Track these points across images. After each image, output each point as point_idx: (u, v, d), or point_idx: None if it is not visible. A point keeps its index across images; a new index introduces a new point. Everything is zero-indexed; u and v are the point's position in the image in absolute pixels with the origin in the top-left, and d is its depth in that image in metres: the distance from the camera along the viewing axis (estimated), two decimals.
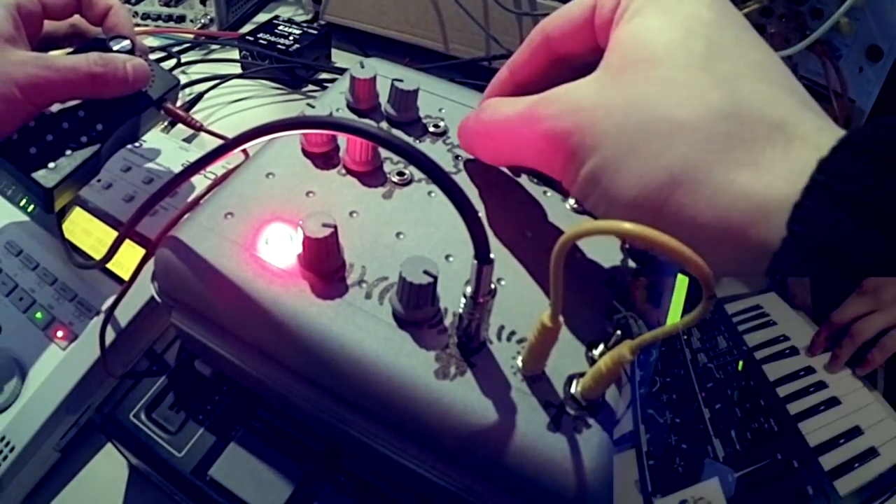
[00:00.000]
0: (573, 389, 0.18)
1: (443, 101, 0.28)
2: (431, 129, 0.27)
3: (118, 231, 0.33)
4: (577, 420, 0.18)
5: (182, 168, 0.22)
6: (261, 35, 0.54)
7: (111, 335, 0.30)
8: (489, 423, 0.18)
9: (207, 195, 0.25)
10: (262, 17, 0.62)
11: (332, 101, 0.27)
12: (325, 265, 0.20)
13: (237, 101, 0.52)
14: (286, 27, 0.56)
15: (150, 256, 0.28)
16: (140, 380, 0.27)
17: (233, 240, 0.21)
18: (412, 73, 0.29)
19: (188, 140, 0.44)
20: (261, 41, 0.53)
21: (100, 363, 0.29)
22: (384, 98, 0.27)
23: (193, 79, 0.52)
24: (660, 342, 0.19)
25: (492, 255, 0.17)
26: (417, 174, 0.24)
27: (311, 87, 0.54)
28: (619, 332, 0.19)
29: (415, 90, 0.26)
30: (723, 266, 0.15)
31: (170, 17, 0.58)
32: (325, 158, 0.25)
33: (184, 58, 0.55)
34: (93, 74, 0.28)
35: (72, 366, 0.29)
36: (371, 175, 0.24)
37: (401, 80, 0.26)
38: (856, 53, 0.40)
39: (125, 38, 0.31)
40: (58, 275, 0.32)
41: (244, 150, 0.23)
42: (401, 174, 0.24)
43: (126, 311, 0.30)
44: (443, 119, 0.27)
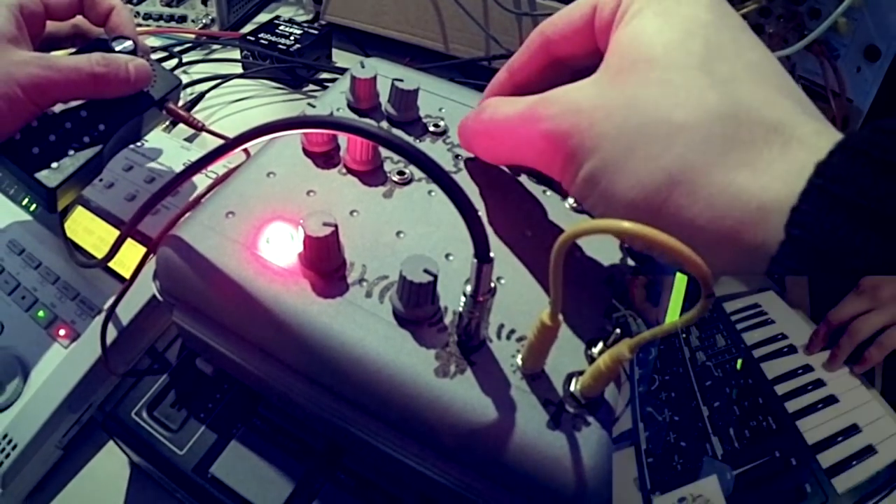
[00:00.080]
0: (572, 387, 0.18)
1: (443, 101, 0.28)
2: (431, 129, 0.27)
3: (120, 230, 0.33)
4: (577, 418, 0.18)
5: (183, 167, 0.22)
6: (262, 35, 0.54)
7: (113, 334, 0.30)
8: (489, 421, 0.18)
9: (209, 194, 0.25)
10: (263, 18, 0.63)
11: (333, 101, 0.27)
12: (326, 264, 0.20)
13: (238, 101, 0.52)
14: (287, 27, 0.56)
15: (151, 255, 0.28)
16: (142, 378, 0.27)
17: (234, 239, 0.21)
18: (412, 73, 0.30)
19: (189, 139, 0.44)
20: (262, 41, 0.53)
21: (101, 361, 0.29)
22: (384, 98, 0.27)
23: (195, 78, 0.52)
24: (658, 340, 0.19)
25: (491, 254, 0.17)
26: (418, 173, 0.25)
27: (312, 87, 0.54)
28: (619, 331, 0.19)
29: (415, 90, 0.26)
30: (721, 267, 0.15)
31: (171, 17, 0.58)
32: (326, 158, 0.25)
33: (185, 58, 0.55)
34: (95, 75, 0.28)
35: (74, 364, 0.29)
36: (371, 174, 0.24)
37: (401, 80, 0.26)
38: (854, 53, 0.40)
39: (127, 39, 0.31)
40: (60, 273, 0.33)
41: (245, 150, 0.23)
42: (401, 173, 0.24)
43: (128, 310, 0.30)
44: (443, 118, 0.27)
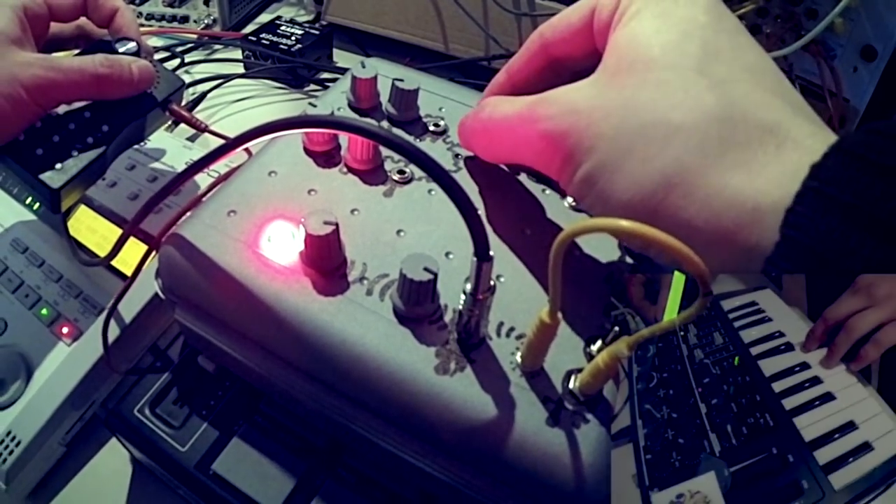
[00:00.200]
0: (571, 385, 0.18)
1: (443, 101, 0.28)
2: (432, 128, 0.27)
3: (123, 228, 0.33)
4: (576, 415, 0.18)
5: (186, 166, 0.22)
6: (263, 35, 0.54)
7: (116, 332, 0.30)
8: (488, 418, 0.18)
9: (210, 193, 0.25)
10: (265, 18, 0.63)
11: (334, 101, 0.27)
12: (327, 262, 0.21)
13: (240, 101, 0.52)
14: (288, 27, 0.56)
15: (152, 252, 0.28)
16: (144, 375, 0.27)
17: (236, 237, 0.22)
18: (413, 73, 0.30)
19: (192, 139, 0.44)
20: (263, 41, 0.54)
21: (104, 359, 0.29)
22: (385, 97, 0.27)
23: (197, 78, 0.52)
24: (657, 338, 0.19)
25: (491, 253, 0.17)
26: (418, 172, 0.25)
27: (313, 87, 0.54)
28: (617, 329, 0.19)
29: (415, 90, 0.26)
30: (717, 266, 0.15)
31: (174, 18, 0.58)
32: (327, 157, 0.25)
33: (187, 57, 0.55)
34: (98, 76, 0.28)
35: (77, 362, 0.29)
36: (372, 173, 0.24)
37: (401, 80, 0.26)
38: (850, 53, 0.40)
39: (131, 40, 0.31)
40: (63, 272, 0.33)
41: (247, 149, 0.23)
42: (401, 172, 0.24)
43: (130, 308, 0.30)
44: (443, 118, 0.27)
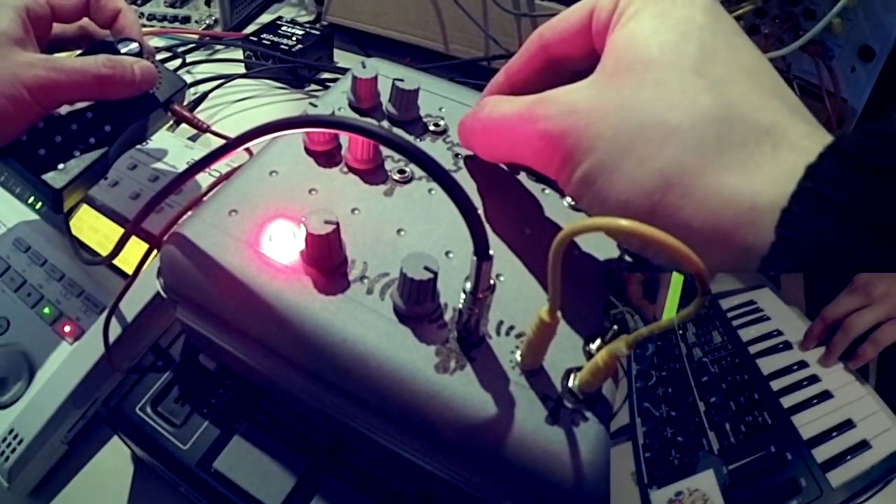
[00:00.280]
0: (571, 383, 0.19)
1: (443, 101, 0.28)
2: (432, 128, 0.27)
3: (124, 228, 0.33)
4: (575, 413, 0.18)
5: (187, 166, 0.22)
6: (264, 35, 0.55)
7: (118, 330, 0.30)
8: (488, 417, 0.18)
9: (212, 192, 0.25)
10: (266, 18, 0.63)
11: (335, 101, 0.28)
12: (328, 261, 0.21)
13: (241, 101, 0.52)
14: (289, 28, 0.56)
15: (154, 252, 0.28)
16: (145, 374, 0.27)
17: (237, 236, 0.22)
18: (413, 73, 0.30)
19: (193, 138, 0.45)
20: (264, 41, 0.54)
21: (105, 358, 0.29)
22: (385, 97, 0.27)
23: (198, 78, 0.52)
24: (655, 337, 0.19)
25: (491, 252, 0.17)
26: (418, 172, 0.25)
27: (314, 87, 0.54)
28: (616, 327, 0.20)
29: (415, 90, 0.26)
30: (714, 266, 0.15)
31: (175, 18, 0.58)
32: (328, 156, 0.25)
33: (189, 58, 0.55)
34: (101, 76, 0.28)
35: (79, 360, 0.29)
36: (372, 173, 0.24)
37: (402, 80, 0.26)
38: (848, 53, 0.41)
39: (133, 41, 0.31)
40: (65, 271, 0.33)
41: (248, 149, 0.23)
42: (402, 172, 0.24)
43: (132, 307, 0.30)
44: (443, 118, 0.27)
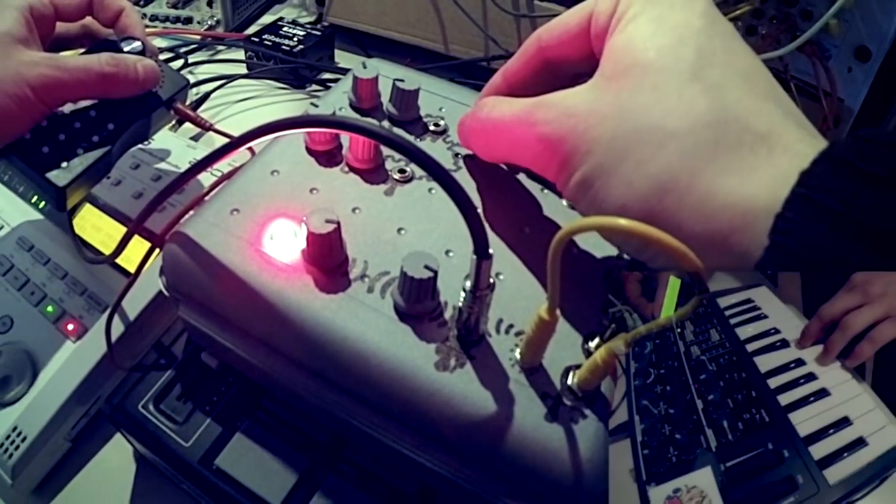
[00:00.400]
0: (570, 381, 0.19)
1: (443, 101, 0.28)
2: (432, 128, 0.27)
3: (127, 227, 0.34)
4: (574, 411, 0.18)
5: (189, 165, 0.22)
6: (266, 36, 0.55)
7: (120, 328, 0.30)
8: (488, 414, 0.18)
9: (214, 192, 0.25)
10: (267, 19, 0.63)
11: (336, 101, 0.28)
12: (329, 260, 0.21)
13: (243, 101, 0.52)
14: (290, 28, 0.56)
15: (156, 250, 0.28)
16: (148, 372, 0.28)
17: (238, 235, 0.22)
18: (413, 73, 0.30)
19: (195, 138, 0.45)
20: (266, 42, 0.54)
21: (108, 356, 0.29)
22: (386, 97, 0.27)
23: (200, 79, 0.52)
24: (654, 335, 0.19)
25: (490, 251, 0.17)
26: (418, 171, 0.25)
27: (315, 87, 0.54)
28: (614, 326, 0.20)
29: (416, 90, 0.26)
30: (710, 268, 0.16)
31: (177, 19, 0.59)
32: (329, 156, 0.25)
33: (191, 58, 0.55)
34: (104, 75, 0.28)
35: (82, 358, 0.30)
36: (373, 172, 0.25)
37: (402, 80, 0.26)
38: (845, 54, 0.41)
39: (136, 40, 0.31)
40: (68, 269, 0.33)
41: (250, 148, 0.23)
42: (402, 171, 0.25)
43: (134, 305, 0.31)
44: (443, 118, 0.27)
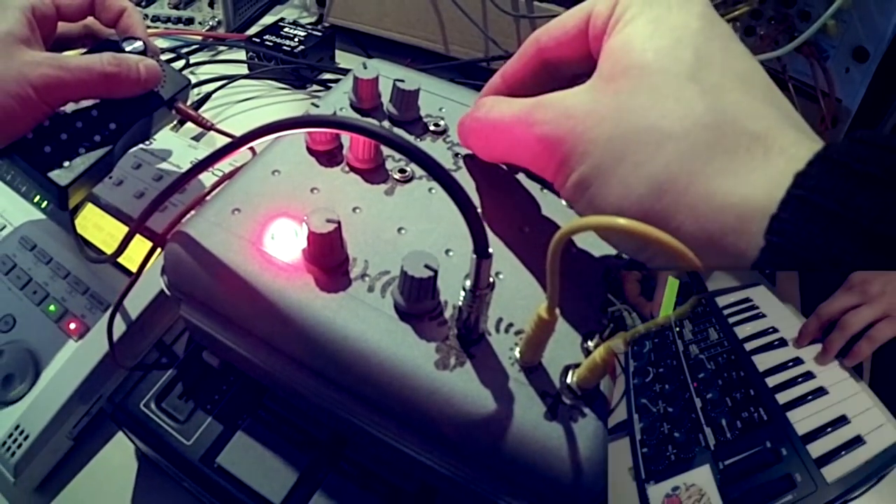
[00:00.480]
0: (569, 379, 0.19)
1: (443, 101, 0.28)
2: (432, 128, 0.27)
3: (129, 226, 0.34)
4: (573, 409, 0.18)
5: (191, 165, 0.22)
6: (267, 37, 0.55)
7: (122, 327, 0.30)
8: (488, 413, 0.18)
9: (215, 191, 0.25)
10: (269, 20, 0.63)
11: (336, 101, 0.28)
12: (329, 259, 0.21)
13: (244, 101, 0.53)
14: (291, 29, 0.56)
15: (158, 250, 0.28)
16: (150, 370, 0.28)
17: (240, 235, 0.22)
18: (413, 74, 0.30)
19: (197, 138, 0.45)
20: (267, 43, 0.54)
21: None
22: (386, 98, 0.27)
23: (202, 79, 0.52)
24: (652, 334, 0.19)
25: (490, 250, 0.17)
26: (418, 171, 0.25)
27: (316, 88, 0.54)
28: (613, 325, 0.20)
29: (416, 90, 0.26)
30: (707, 269, 0.16)
31: (179, 20, 0.59)
32: (329, 156, 0.25)
33: (192, 59, 0.56)
34: (106, 74, 0.28)
35: (84, 357, 0.30)
36: (373, 172, 0.25)
37: (402, 81, 0.26)
38: (842, 54, 0.41)
39: (137, 39, 0.31)
40: (70, 269, 0.33)
41: (251, 148, 0.23)
42: (402, 171, 0.25)
43: (136, 304, 0.31)
44: (443, 118, 0.27)
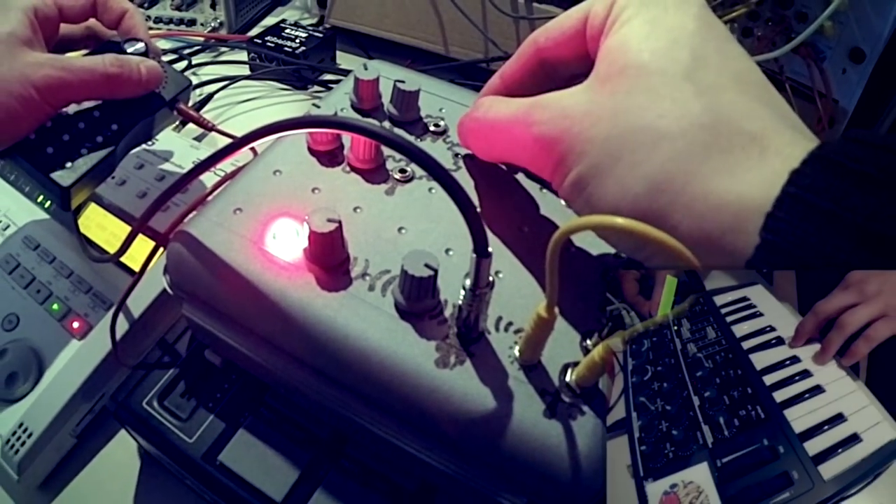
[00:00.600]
0: (568, 378, 0.19)
1: (443, 102, 0.28)
2: (432, 129, 0.27)
3: (132, 226, 0.34)
4: (572, 407, 0.18)
5: (193, 165, 0.22)
6: (268, 38, 0.55)
7: (125, 326, 0.30)
8: (487, 411, 0.18)
9: (217, 191, 0.25)
10: (270, 21, 0.63)
11: (337, 102, 0.28)
12: (330, 259, 0.21)
13: (246, 102, 0.53)
14: (293, 30, 0.57)
15: (160, 249, 0.29)
16: (152, 369, 0.28)
17: (241, 234, 0.22)
18: (413, 75, 0.30)
19: (199, 139, 0.45)
20: (268, 44, 0.54)
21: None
22: (387, 98, 0.27)
23: (204, 80, 0.53)
24: (651, 332, 0.19)
25: (490, 249, 0.18)
26: (419, 171, 0.25)
27: (317, 88, 0.55)
28: (612, 323, 0.20)
29: (416, 91, 0.26)
30: (703, 268, 0.16)
31: (181, 21, 0.59)
32: (330, 156, 0.25)
33: (194, 60, 0.56)
34: (108, 75, 0.28)
35: (87, 355, 0.30)
36: (374, 172, 0.25)
37: (402, 81, 0.26)
38: (839, 55, 0.41)
39: (139, 41, 0.31)
40: (73, 268, 0.33)
41: (252, 149, 0.24)
42: (403, 171, 0.25)
43: (139, 303, 0.31)
44: (443, 118, 0.27)
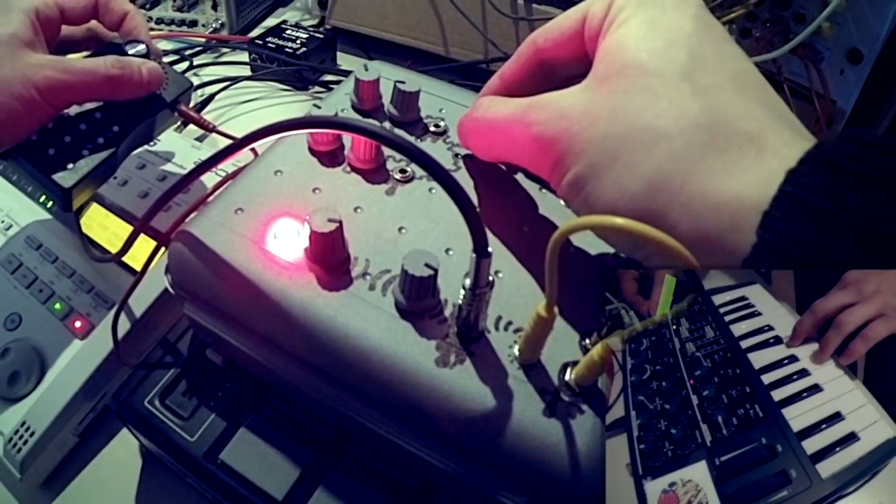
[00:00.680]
0: (567, 377, 0.19)
1: (443, 102, 0.29)
2: (432, 129, 0.27)
3: (133, 226, 0.34)
4: (571, 406, 0.19)
5: (194, 165, 0.22)
6: (269, 39, 0.55)
7: (127, 326, 0.30)
8: (487, 409, 0.19)
9: (218, 191, 0.26)
10: (271, 22, 0.64)
11: (338, 102, 0.28)
12: (331, 258, 0.21)
13: (247, 102, 0.53)
14: (294, 31, 0.57)
15: (162, 249, 0.29)
16: (154, 368, 0.28)
17: (242, 234, 0.22)
18: (414, 75, 0.30)
19: (200, 139, 0.45)
20: (269, 45, 0.55)
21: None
22: (387, 99, 0.28)
23: (205, 80, 0.53)
24: (650, 332, 0.20)
25: (490, 249, 0.18)
26: (419, 171, 0.25)
27: (318, 89, 0.55)
28: (611, 323, 0.20)
29: (416, 91, 0.26)
30: (701, 268, 0.16)
31: (182, 22, 0.59)
32: (331, 157, 0.25)
33: (196, 60, 0.56)
34: (109, 77, 0.29)
35: (89, 354, 0.30)
36: (375, 172, 0.25)
37: (403, 82, 0.26)
38: (837, 56, 0.41)
39: (140, 43, 0.32)
40: (76, 268, 0.33)
41: (253, 149, 0.24)
42: (403, 171, 0.25)
43: (140, 303, 0.31)
44: (443, 119, 0.28)
